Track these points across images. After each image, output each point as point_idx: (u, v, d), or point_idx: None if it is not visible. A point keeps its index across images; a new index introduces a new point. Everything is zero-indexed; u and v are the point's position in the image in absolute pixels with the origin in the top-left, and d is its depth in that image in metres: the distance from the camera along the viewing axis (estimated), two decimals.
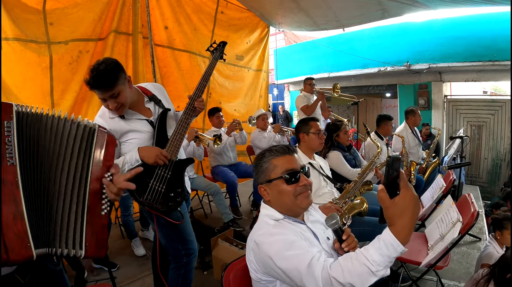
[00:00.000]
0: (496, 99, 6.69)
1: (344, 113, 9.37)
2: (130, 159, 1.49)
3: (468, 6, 3.87)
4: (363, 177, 2.28)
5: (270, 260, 0.90)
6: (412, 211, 0.70)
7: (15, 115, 0.67)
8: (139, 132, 1.56)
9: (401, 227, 0.71)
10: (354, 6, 3.94)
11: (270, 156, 1.08)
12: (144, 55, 3.16)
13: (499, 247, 1.95)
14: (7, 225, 0.62)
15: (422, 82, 6.24)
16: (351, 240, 0.97)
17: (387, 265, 0.75)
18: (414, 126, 3.73)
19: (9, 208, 0.63)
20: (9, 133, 0.65)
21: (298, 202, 1.02)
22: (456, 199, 2.80)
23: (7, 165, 0.64)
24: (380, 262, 0.75)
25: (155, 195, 1.51)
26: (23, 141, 0.68)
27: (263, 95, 5.05)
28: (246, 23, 4.48)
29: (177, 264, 1.66)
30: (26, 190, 0.67)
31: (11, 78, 2.38)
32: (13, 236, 0.63)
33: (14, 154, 0.65)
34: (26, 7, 2.42)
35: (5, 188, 0.64)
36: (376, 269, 0.75)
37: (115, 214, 3.02)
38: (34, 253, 0.65)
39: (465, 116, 6.09)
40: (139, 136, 1.56)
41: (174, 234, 1.62)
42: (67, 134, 0.74)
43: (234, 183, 3.29)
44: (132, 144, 1.55)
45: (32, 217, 0.67)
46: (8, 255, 0.61)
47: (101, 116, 1.53)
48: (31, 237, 0.65)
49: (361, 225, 2.01)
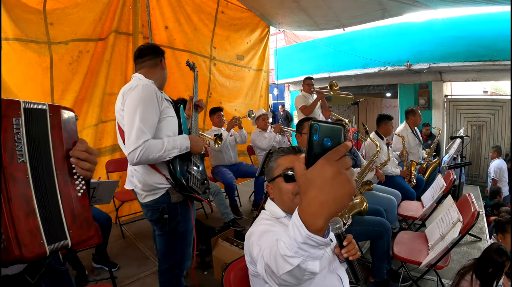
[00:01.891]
0: (496, 99, 6.68)
1: (344, 113, 9.37)
2: (180, 145, 1.48)
3: (468, 6, 3.87)
4: (362, 176, 2.28)
5: (251, 246, 0.92)
6: (319, 186, 0.52)
7: (23, 112, 0.67)
8: (172, 112, 1.57)
9: (306, 204, 0.55)
10: (354, 6, 3.94)
11: (276, 155, 1.13)
12: None
13: None
14: (20, 222, 0.62)
15: (423, 82, 6.23)
16: (351, 247, 0.97)
17: (297, 251, 0.60)
18: (414, 126, 3.72)
19: (21, 205, 0.64)
20: (18, 131, 0.65)
21: (296, 201, 1.03)
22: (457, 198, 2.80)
23: (18, 163, 0.65)
24: (288, 245, 0.62)
25: (196, 182, 1.57)
26: (31, 138, 0.68)
27: (263, 95, 5.05)
28: (246, 23, 4.48)
29: (170, 274, 1.61)
30: (36, 186, 0.67)
31: (12, 78, 2.38)
32: (26, 232, 0.63)
33: (24, 151, 0.66)
34: (27, 7, 2.43)
35: (17, 185, 0.64)
36: (283, 252, 0.63)
37: (115, 214, 3.03)
38: (47, 249, 0.65)
39: (466, 116, 6.09)
40: (173, 115, 1.56)
41: (180, 243, 1.58)
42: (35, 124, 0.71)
43: (231, 184, 3.30)
44: (168, 122, 1.51)
45: (43, 213, 0.67)
46: (21, 251, 0.61)
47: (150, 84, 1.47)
48: (44, 233, 0.66)
49: (361, 224, 2.01)
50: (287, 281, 0.69)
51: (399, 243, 2.06)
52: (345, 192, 0.50)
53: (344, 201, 0.51)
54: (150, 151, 1.36)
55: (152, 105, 1.40)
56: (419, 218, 2.58)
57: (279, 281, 0.71)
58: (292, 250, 0.60)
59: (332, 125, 0.53)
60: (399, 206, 2.74)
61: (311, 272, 0.63)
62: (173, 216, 1.53)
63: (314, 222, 0.55)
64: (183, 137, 1.51)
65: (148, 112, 1.38)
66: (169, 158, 1.45)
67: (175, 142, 1.45)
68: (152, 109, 1.40)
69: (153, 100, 1.40)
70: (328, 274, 0.99)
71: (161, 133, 1.47)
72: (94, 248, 2.37)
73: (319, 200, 0.52)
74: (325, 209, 0.52)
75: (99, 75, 2.95)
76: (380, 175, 2.80)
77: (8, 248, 0.60)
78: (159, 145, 1.40)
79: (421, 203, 2.83)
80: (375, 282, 2.11)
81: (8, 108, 0.65)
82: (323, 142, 0.53)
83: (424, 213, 2.56)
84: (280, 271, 0.66)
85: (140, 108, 1.37)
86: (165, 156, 1.42)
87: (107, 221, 2.34)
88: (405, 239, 2.13)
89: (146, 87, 1.41)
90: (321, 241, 0.57)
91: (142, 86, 1.41)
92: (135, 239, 2.97)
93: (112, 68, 3.05)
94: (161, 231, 1.58)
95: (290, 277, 0.67)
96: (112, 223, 2.43)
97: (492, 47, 5.04)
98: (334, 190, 0.51)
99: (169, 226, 1.54)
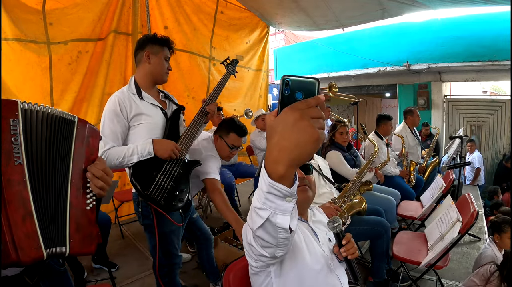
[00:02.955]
0: (495, 99, 6.69)
1: (343, 113, 9.37)
2: (142, 150, 1.47)
3: (468, 6, 3.88)
4: (361, 175, 2.29)
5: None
6: (280, 132, 0.50)
7: (21, 113, 0.66)
8: (151, 117, 1.56)
9: (268, 152, 0.54)
10: (354, 6, 3.94)
11: None
12: None
13: (497, 250, 1.95)
14: (16, 225, 0.61)
15: (422, 82, 6.24)
16: (350, 246, 0.97)
17: (264, 203, 0.59)
18: (413, 126, 3.74)
19: (17, 208, 0.63)
20: (15, 132, 0.64)
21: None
22: (456, 198, 2.81)
23: (15, 165, 0.63)
24: (258, 197, 0.61)
25: (161, 190, 1.48)
26: (30, 140, 0.67)
27: (262, 95, 5.05)
28: (246, 23, 4.48)
29: (161, 272, 1.65)
30: (34, 189, 0.66)
31: (11, 79, 2.37)
32: (23, 236, 0.62)
33: (21, 153, 0.64)
34: (26, 7, 2.42)
35: (13, 188, 0.63)
36: (255, 205, 0.62)
37: (115, 214, 3.03)
38: (45, 253, 0.65)
39: (465, 116, 6.09)
40: (150, 121, 1.55)
41: (161, 245, 1.57)
42: (50, 129, 0.72)
43: (231, 184, 3.30)
44: (141, 129, 1.54)
45: (41, 217, 0.66)
46: (18, 255, 0.60)
47: (122, 92, 1.55)
48: (41, 237, 0.65)
49: (360, 224, 2.02)
50: (264, 239, 0.69)
51: (399, 243, 2.06)
52: (307, 138, 0.49)
53: (307, 148, 0.50)
54: (111, 157, 1.45)
55: (113, 117, 1.49)
56: (419, 218, 2.59)
57: (260, 243, 0.72)
58: (261, 201, 0.60)
59: (305, 79, 0.53)
60: (398, 206, 2.74)
61: (282, 228, 0.62)
62: (146, 213, 1.54)
63: (274, 169, 0.53)
64: (146, 142, 1.50)
65: (109, 124, 1.49)
66: (131, 164, 1.48)
67: (136, 148, 1.48)
68: (113, 120, 1.49)
69: (114, 112, 1.49)
70: (327, 274, 0.99)
71: (132, 140, 1.53)
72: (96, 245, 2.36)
73: (279, 145, 0.51)
74: (285, 154, 0.51)
75: (98, 75, 2.94)
76: (380, 176, 2.80)
77: (6, 252, 0.60)
78: (119, 152, 1.46)
79: (420, 203, 2.83)
80: (375, 282, 2.11)
81: (5, 109, 0.64)
82: (295, 95, 0.53)
83: (424, 213, 2.57)
84: (254, 226, 0.65)
85: (104, 120, 1.50)
86: (126, 161, 1.47)
87: (107, 221, 2.34)
88: (404, 239, 2.13)
89: (110, 100, 1.52)
90: (284, 190, 0.55)
91: (110, 99, 1.52)
92: (134, 239, 2.96)
93: (112, 68, 3.05)
94: (141, 224, 1.62)
95: (265, 234, 0.67)
96: (111, 223, 2.43)
97: (491, 47, 5.05)
98: (294, 135, 0.49)
99: (143, 221, 1.58)
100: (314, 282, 0.96)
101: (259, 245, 0.74)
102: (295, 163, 0.52)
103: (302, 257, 0.96)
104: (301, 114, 0.49)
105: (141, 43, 1.60)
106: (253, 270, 0.96)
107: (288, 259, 0.93)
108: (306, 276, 0.95)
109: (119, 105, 1.50)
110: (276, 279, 0.93)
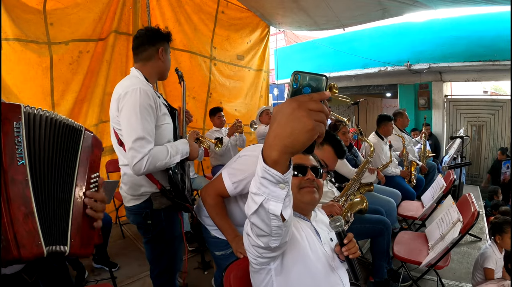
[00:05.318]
0: (496, 99, 6.68)
1: (344, 113, 9.35)
2: (182, 150, 1.43)
3: (468, 6, 3.87)
4: (360, 174, 2.32)
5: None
6: (278, 119, 0.53)
7: (24, 116, 0.68)
8: (170, 118, 1.48)
9: (266, 137, 0.57)
10: (354, 6, 3.93)
11: None
12: None
13: (498, 251, 1.95)
14: (18, 223, 0.63)
15: (423, 82, 6.23)
16: (351, 245, 0.97)
17: (259, 188, 0.61)
18: (402, 127, 3.87)
19: (20, 206, 0.65)
20: (18, 134, 0.67)
21: (299, 196, 1.04)
22: (457, 198, 2.80)
23: (17, 165, 0.66)
24: (254, 182, 0.62)
25: (187, 190, 1.53)
26: (32, 142, 0.70)
27: (263, 95, 5.05)
28: (246, 23, 4.48)
29: (161, 281, 1.61)
30: (36, 189, 0.68)
31: (12, 79, 2.38)
32: (25, 233, 0.64)
33: (24, 154, 0.67)
34: (27, 7, 2.42)
35: (16, 187, 0.65)
36: (251, 189, 0.64)
37: (115, 214, 3.03)
38: (45, 250, 0.66)
39: (466, 116, 6.09)
40: (170, 122, 1.47)
41: (168, 251, 1.55)
42: (54, 133, 0.75)
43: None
44: (166, 130, 1.45)
45: (42, 215, 0.68)
46: (19, 252, 0.62)
47: (146, 85, 1.38)
48: (42, 234, 0.67)
49: (362, 222, 2.02)
50: (258, 226, 0.70)
51: (399, 243, 2.06)
52: (301, 127, 0.51)
53: (299, 137, 0.51)
54: (157, 158, 1.31)
55: (150, 113, 1.33)
56: (419, 218, 2.59)
57: (255, 231, 0.73)
58: (256, 186, 0.62)
59: (314, 75, 0.55)
60: (399, 206, 2.74)
61: (274, 215, 0.64)
62: (157, 222, 1.48)
63: (269, 154, 0.56)
64: (183, 142, 1.46)
65: (147, 120, 1.31)
66: (173, 164, 1.40)
67: (177, 147, 1.41)
68: (150, 117, 1.33)
69: (151, 107, 1.34)
70: (329, 273, 0.99)
71: (157, 141, 1.39)
72: (94, 248, 2.37)
73: (275, 132, 0.54)
74: (278, 140, 0.53)
75: (99, 75, 2.94)
76: (381, 177, 2.81)
77: (7, 248, 0.61)
78: (164, 152, 1.35)
79: (421, 203, 2.83)
80: (375, 282, 2.11)
81: (9, 112, 0.67)
82: (303, 90, 0.55)
83: (424, 213, 2.57)
84: (249, 211, 0.67)
85: (140, 116, 1.29)
86: (170, 162, 1.37)
87: (107, 221, 2.34)
88: (405, 239, 2.13)
89: (139, 93, 1.30)
90: (277, 176, 0.57)
91: (136, 91, 1.30)
92: (135, 239, 2.96)
93: (112, 68, 3.05)
94: (145, 237, 1.54)
95: (259, 221, 0.68)
96: (112, 223, 2.43)
97: (492, 47, 5.04)
98: (290, 123, 0.51)
99: (152, 232, 1.49)
100: (316, 280, 0.96)
101: (254, 234, 0.76)
102: (288, 150, 0.54)
103: (303, 255, 0.96)
104: (299, 105, 0.51)
105: (151, 37, 1.45)
106: (254, 268, 0.96)
107: (290, 256, 0.94)
108: (308, 274, 0.95)
109: (154, 100, 1.34)
110: (276, 277, 0.93)
